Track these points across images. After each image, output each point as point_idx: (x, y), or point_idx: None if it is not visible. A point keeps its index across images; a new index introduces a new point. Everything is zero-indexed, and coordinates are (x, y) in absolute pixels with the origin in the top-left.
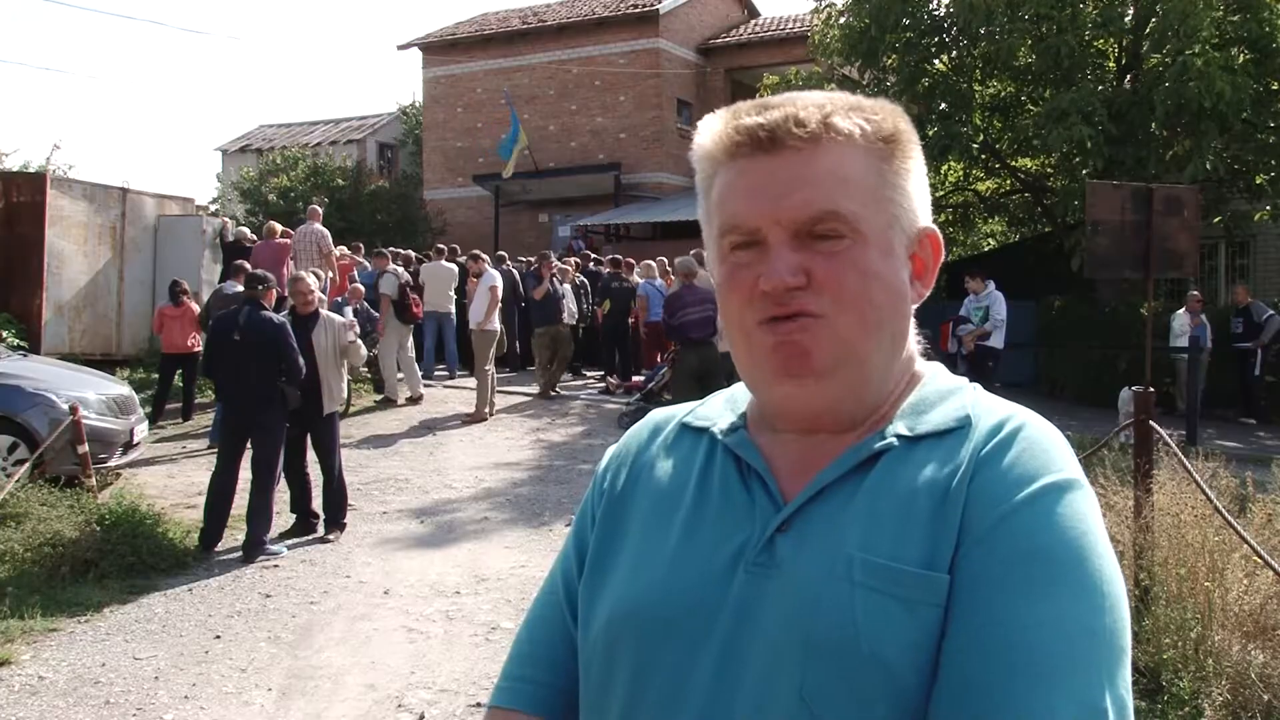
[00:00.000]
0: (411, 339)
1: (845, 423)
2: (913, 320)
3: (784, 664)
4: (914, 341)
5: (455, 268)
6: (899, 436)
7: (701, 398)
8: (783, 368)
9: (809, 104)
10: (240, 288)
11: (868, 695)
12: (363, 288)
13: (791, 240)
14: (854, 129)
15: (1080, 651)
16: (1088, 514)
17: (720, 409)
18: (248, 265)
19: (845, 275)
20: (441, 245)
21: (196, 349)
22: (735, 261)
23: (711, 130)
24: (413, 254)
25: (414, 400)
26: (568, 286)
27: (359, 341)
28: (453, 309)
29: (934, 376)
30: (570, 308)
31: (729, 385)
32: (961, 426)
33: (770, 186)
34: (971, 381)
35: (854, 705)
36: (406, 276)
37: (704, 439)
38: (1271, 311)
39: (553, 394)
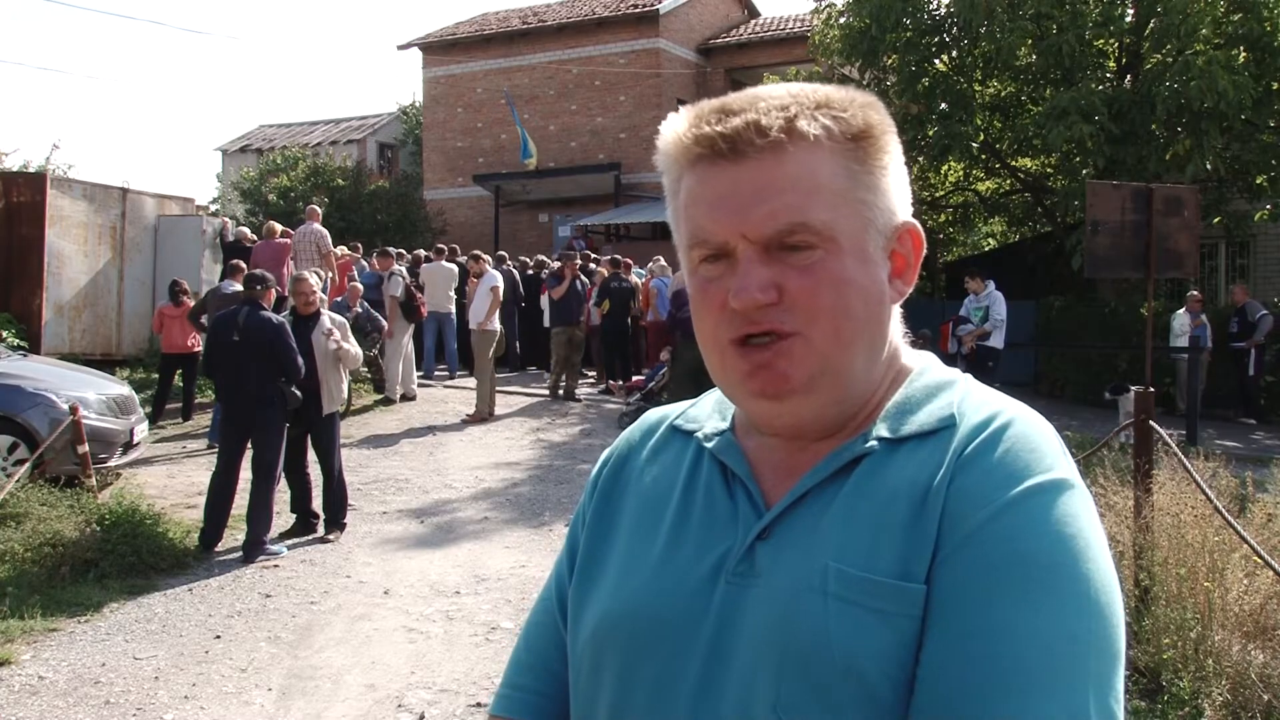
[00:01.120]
0: (411, 339)
1: (830, 428)
2: (898, 315)
3: (761, 676)
4: (899, 336)
5: (455, 268)
6: (880, 439)
7: (697, 396)
8: (760, 390)
9: (771, 107)
10: (239, 287)
11: (843, 709)
12: (362, 287)
13: (761, 254)
14: (820, 131)
15: (1062, 660)
16: (1077, 515)
17: (709, 411)
18: (244, 265)
19: (819, 289)
20: (441, 245)
21: (196, 349)
22: (705, 275)
23: (674, 133)
24: (422, 253)
25: (407, 398)
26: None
27: (346, 347)
28: (453, 309)
29: (923, 371)
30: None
31: None
32: (946, 427)
33: (734, 198)
34: None
35: (829, 719)
36: (409, 276)
37: (692, 442)
38: (1265, 311)
39: (571, 399)
